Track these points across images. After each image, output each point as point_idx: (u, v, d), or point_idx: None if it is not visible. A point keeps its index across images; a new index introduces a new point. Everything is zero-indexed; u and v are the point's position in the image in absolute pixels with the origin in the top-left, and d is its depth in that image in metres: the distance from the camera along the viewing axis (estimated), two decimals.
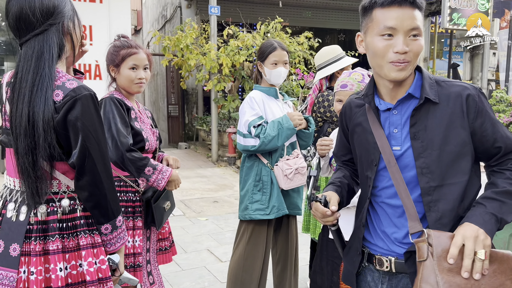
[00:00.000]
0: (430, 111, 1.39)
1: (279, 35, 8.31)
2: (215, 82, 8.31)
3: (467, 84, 1.41)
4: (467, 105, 1.36)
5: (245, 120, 2.71)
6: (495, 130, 1.38)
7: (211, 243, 4.44)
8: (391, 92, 1.43)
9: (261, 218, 2.71)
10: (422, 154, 1.37)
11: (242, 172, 2.86)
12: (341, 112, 1.69)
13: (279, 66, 2.76)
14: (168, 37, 8.53)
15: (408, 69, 1.36)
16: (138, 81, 2.20)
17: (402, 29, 1.32)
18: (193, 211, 5.55)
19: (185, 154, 9.95)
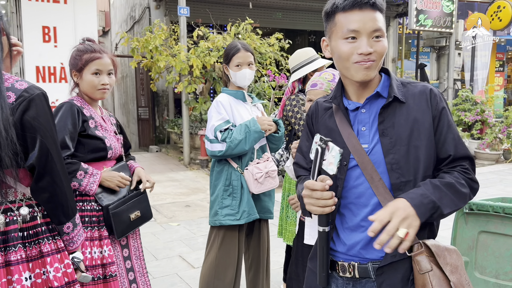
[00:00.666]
0: (397, 109, 1.43)
1: (250, 36, 8.27)
2: (185, 84, 8.20)
3: (429, 84, 1.48)
4: (430, 99, 1.43)
5: (211, 125, 2.67)
6: (449, 131, 1.42)
7: (183, 249, 4.36)
8: (358, 93, 1.47)
9: (231, 223, 2.67)
10: (391, 150, 1.40)
11: (212, 177, 2.81)
12: (308, 114, 1.68)
13: (243, 67, 2.72)
14: (136, 38, 8.37)
15: (374, 69, 1.40)
16: (101, 87, 2.12)
17: (365, 31, 1.35)
18: (164, 216, 5.44)
19: (156, 157, 9.79)
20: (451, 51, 12.33)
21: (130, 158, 2.42)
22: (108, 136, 2.16)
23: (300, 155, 1.72)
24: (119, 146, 2.24)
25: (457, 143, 1.44)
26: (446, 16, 11.61)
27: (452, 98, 11.87)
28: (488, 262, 2.95)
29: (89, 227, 2.01)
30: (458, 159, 1.43)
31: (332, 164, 1.32)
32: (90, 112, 2.12)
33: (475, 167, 1.47)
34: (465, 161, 1.44)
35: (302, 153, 1.71)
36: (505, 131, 9.25)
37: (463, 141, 1.48)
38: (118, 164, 2.24)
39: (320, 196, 1.32)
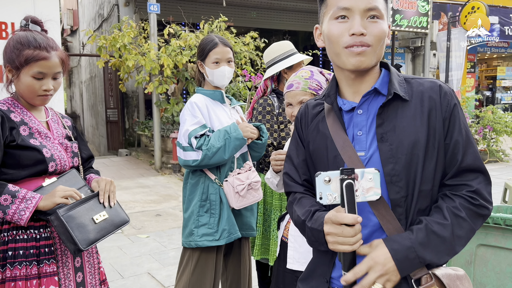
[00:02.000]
0: (400, 109, 1.23)
1: (224, 34, 7.92)
2: (156, 84, 7.78)
3: (440, 81, 1.28)
4: (440, 97, 1.22)
5: (184, 130, 2.30)
6: (459, 135, 1.21)
7: (153, 265, 3.97)
8: (354, 88, 1.27)
9: (209, 244, 2.31)
10: (391, 159, 1.19)
11: (185, 190, 2.44)
12: (297, 118, 1.43)
13: (222, 64, 2.38)
14: (103, 36, 7.89)
15: (369, 55, 1.19)
16: (43, 93, 1.71)
17: (357, 9, 1.17)
18: (132, 227, 5.03)
19: (126, 161, 9.31)
20: (426, 51, 12.29)
21: (91, 172, 2.01)
22: (49, 144, 1.76)
23: (291, 165, 1.44)
24: (68, 156, 1.84)
25: (467, 149, 1.21)
26: (422, 17, 11.55)
27: None
28: (488, 278, 2.70)
29: (25, 263, 1.60)
30: (466, 172, 1.20)
31: (372, 189, 1.11)
32: (22, 116, 1.71)
33: (488, 183, 1.21)
34: (474, 177, 1.20)
35: (293, 164, 1.43)
36: (481, 132, 9.21)
37: (476, 149, 1.22)
38: (63, 175, 1.80)
39: (353, 233, 1.11)
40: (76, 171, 1.86)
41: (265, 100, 2.73)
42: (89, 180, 1.93)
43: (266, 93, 2.79)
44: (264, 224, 2.74)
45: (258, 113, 2.71)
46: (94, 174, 1.98)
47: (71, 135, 1.93)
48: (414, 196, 1.19)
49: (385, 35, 1.20)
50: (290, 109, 2.01)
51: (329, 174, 1.09)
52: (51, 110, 1.95)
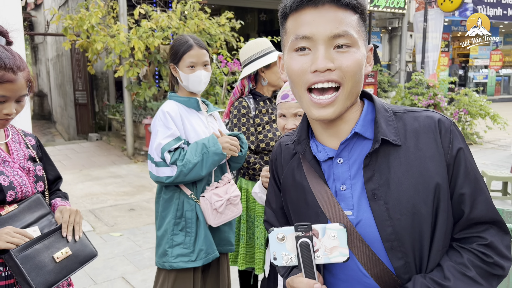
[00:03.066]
0: (392, 156, 1.00)
1: (198, 15, 7.57)
2: (127, 68, 7.40)
3: (438, 113, 1.05)
4: (441, 137, 1.00)
5: (156, 143, 2.08)
6: (466, 182, 1.00)
7: (127, 268, 3.78)
8: (329, 130, 1.04)
9: (185, 266, 2.14)
10: (388, 222, 0.98)
11: (157, 205, 2.24)
12: (271, 160, 1.23)
13: (197, 68, 2.15)
14: (69, 16, 7.42)
15: (339, 102, 0.96)
16: (4, 117, 1.50)
17: (320, 38, 0.93)
18: (105, 224, 4.80)
19: (97, 147, 8.96)
20: (403, 32, 12.22)
21: (58, 195, 1.81)
22: (8, 170, 1.55)
23: (270, 211, 1.27)
24: (31, 181, 1.63)
25: (476, 199, 1.00)
26: None
27: (404, 80, 11.80)
28: None
29: None
30: (477, 224, 1.00)
31: (337, 249, 0.92)
32: None
33: (506, 234, 1.01)
34: (486, 229, 0.99)
35: (272, 209, 1.26)
36: (456, 114, 9.25)
37: (488, 196, 1.01)
38: (25, 202, 1.59)
39: None
40: (40, 197, 1.66)
41: (240, 102, 2.53)
42: (55, 206, 1.73)
43: (244, 94, 2.59)
44: (248, 232, 2.58)
45: (234, 116, 2.52)
46: (60, 199, 1.77)
47: (35, 155, 1.72)
48: (423, 260, 1.01)
49: (361, 66, 0.96)
50: (283, 121, 1.83)
51: (283, 230, 0.93)
52: (12, 128, 1.72)
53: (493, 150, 8.61)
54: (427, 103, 9.41)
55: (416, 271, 1.01)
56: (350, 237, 1.00)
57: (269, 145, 2.48)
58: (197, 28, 7.31)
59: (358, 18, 0.97)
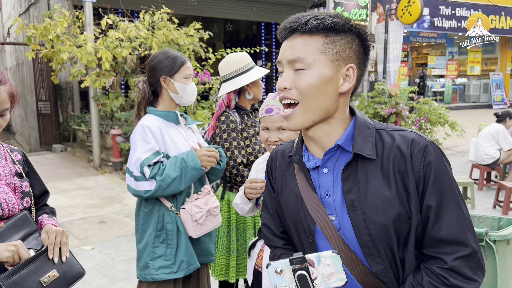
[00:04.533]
0: (369, 170, 1.08)
1: (166, 25, 7.57)
2: (93, 78, 7.31)
3: (415, 133, 1.11)
4: (411, 156, 1.06)
5: (136, 158, 2.11)
6: (432, 196, 1.05)
7: (101, 282, 3.74)
8: (316, 142, 1.15)
9: (167, 278, 2.18)
10: (365, 230, 1.07)
11: (138, 218, 2.27)
12: (268, 163, 1.32)
13: (190, 80, 2.23)
14: (33, 25, 7.26)
15: (298, 116, 1.09)
16: None
17: (284, 61, 1.11)
18: (75, 237, 4.72)
19: (62, 158, 8.75)
20: None
21: (45, 211, 1.79)
22: None
23: (268, 215, 1.34)
24: (17, 197, 1.63)
25: (441, 216, 1.04)
26: (362, 9, 11.78)
27: (367, 90, 12.16)
28: None
29: None
30: (442, 242, 1.04)
31: (334, 274, 0.96)
32: None
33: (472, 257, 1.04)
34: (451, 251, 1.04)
35: (270, 213, 1.33)
36: (417, 122, 9.62)
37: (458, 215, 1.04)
38: (12, 220, 1.58)
39: None
40: (27, 214, 1.64)
41: (227, 117, 2.59)
42: (42, 224, 1.71)
43: (231, 107, 2.64)
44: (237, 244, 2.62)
45: (223, 131, 2.57)
46: (47, 216, 1.75)
47: (22, 170, 1.71)
48: (398, 264, 1.10)
49: (317, 85, 1.06)
50: (266, 134, 1.90)
51: (279, 264, 0.97)
52: None
53: (452, 157, 9.00)
54: (389, 112, 9.74)
55: (395, 276, 1.09)
56: (334, 240, 1.08)
57: (257, 158, 2.54)
58: (165, 39, 7.31)
59: (326, 42, 1.07)
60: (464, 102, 19.44)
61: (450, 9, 16.13)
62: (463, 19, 16.38)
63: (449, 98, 18.88)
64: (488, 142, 6.30)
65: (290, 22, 1.10)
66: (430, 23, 16.00)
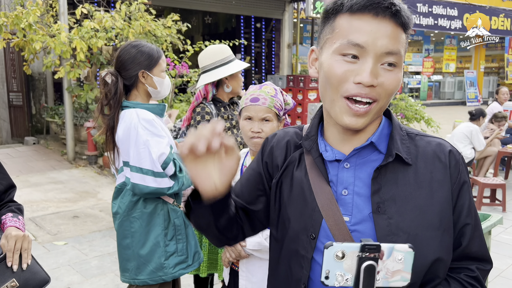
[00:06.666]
0: (400, 174, 1.00)
1: (143, 16, 7.42)
2: (68, 69, 7.11)
3: (446, 141, 1.06)
4: (450, 166, 1.00)
5: (158, 153, 1.97)
6: (469, 216, 1.02)
7: (74, 278, 3.64)
8: (344, 135, 1.04)
9: (185, 272, 2.15)
10: (389, 237, 0.96)
11: (136, 222, 2.09)
12: (265, 145, 1.18)
13: (165, 73, 2.17)
14: (3, 13, 7.00)
15: (371, 114, 0.96)
16: None
17: (373, 50, 0.91)
18: (47, 232, 4.59)
19: (34, 151, 8.51)
20: None
21: (10, 209, 1.67)
22: None
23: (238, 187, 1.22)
24: None
25: (474, 234, 1.03)
26: None
27: None
28: None
29: None
30: (469, 258, 1.04)
31: (399, 272, 0.82)
32: None
33: (488, 272, 1.06)
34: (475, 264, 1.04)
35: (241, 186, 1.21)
36: None
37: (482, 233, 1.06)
38: None
39: None
40: None
41: (203, 108, 2.54)
42: (4, 225, 1.60)
43: (207, 99, 2.60)
44: None
45: (197, 122, 2.52)
46: (12, 215, 1.64)
47: None
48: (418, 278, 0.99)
49: (397, 89, 0.96)
50: (248, 124, 1.85)
51: (344, 247, 0.80)
52: None
53: None
54: None
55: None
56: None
57: None
58: (142, 30, 7.16)
59: (406, 38, 0.97)
60: (439, 99, 19.80)
61: (427, 6, 16.36)
62: (440, 17, 16.65)
63: (425, 94, 19.20)
64: (462, 143, 6.41)
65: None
66: None
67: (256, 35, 12.54)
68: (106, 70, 2.14)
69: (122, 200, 2.11)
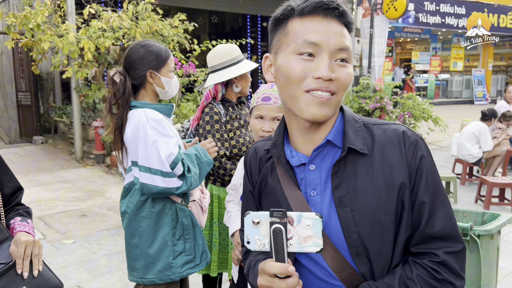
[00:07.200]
0: (359, 166, 1.05)
1: (150, 16, 7.45)
2: (75, 69, 7.15)
3: (404, 126, 1.10)
4: (405, 148, 1.05)
5: (166, 153, 1.97)
6: (426, 193, 1.04)
7: (83, 276, 3.67)
8: (307, 135, 1.09)
9: (193, 272, 2.15)
10: (353, 228, 1.02)
11: (143, 223, 2.09)
12: (245, 162, 1.26)
13: (173, 73, 2.19)
14: (13, 13, 7.06)
15: (332, 105, 1.02)
16: None
17: (327, 47, 0.99)
18: (56, 231, 4.62)
19: (42, 150, 8.58)
20: None
21: (18, 212, 1.62)
22: None
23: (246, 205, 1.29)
24: None
25: (434, 212, 1.03)
26: (347, 4, 11.78)
27: (351, 84, 12.19)
28: None
29: None
30: (433, 239, 1.03)
31: (311, 238, 0.91)
32: None
33: (461, 252, 1.04)
34: (442, 246, 1.03)
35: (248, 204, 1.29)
36: (401, 117, 9.69)
37: (448, 210, 1.05)
38: None
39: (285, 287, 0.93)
40: None
41: (211, 108, 2.54)
42: (13, 229, 1.55)
43: (217, 99, 2.60)
44: (219, 238, 2.59)
45: (206, 123, 2.52)
46: (20, 219, 1.59)
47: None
48: (386, 266, 1.05)
49: (351, 82, 1.04)
50: (259, 123, 1.85)
51: (258, 215, 0.92)
52: None
53: (435, 151, 9.10)
54: (373, 106, 9.79)
55: (382, 276, 1.05)
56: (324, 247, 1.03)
57: (241, 150, 2.52)
58: (149, 30, 7.19)
59: (350, 37, 1.04)
60: (446, 97, 19.68)
61: (435, 5, 16.26)
62: (447, 15, 16.55)
63: (432, 93, 19.09)
64: (470, 142, 6.36)
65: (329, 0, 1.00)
66: (415, 18, 16.10)
67: (262, 34, 12.54)
68: (114, 69, 2.14)
69: (130, 199, 2.11)
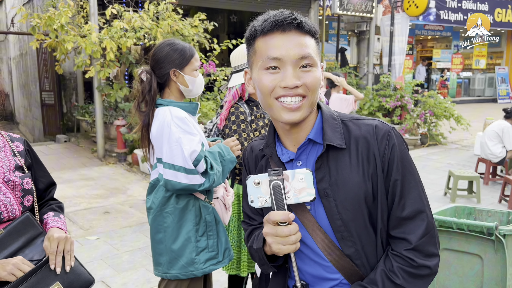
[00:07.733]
0: (339, 160, 1.17)
1: (171, 16, 7.52)
2: (98, 69, 7.28)
3: (378, 120, 1.21)
4: (377, 141, 1.16)
5: (189, 150, 1.99)
6: (398, 177, 1.15)
7: (106, 272, 3.74)
8: (290, 136, 1.22)
9: (215, 268, 2.17)
10: (337, 216, 1.16)
11: (168, 217, 2.13)
12: (243, 159, 1.42)
13: (198, 72, 2.20)
14: (37, 14, 7.22)
15: (304, 108, 1.14)
16: None
17: (289, 59, 1.10)
18: (80, 227, 4.72)
19: (65, 149, 8.75)
20: (371, 35, 12.50)
21: (51, 207, 1.66)
22: None
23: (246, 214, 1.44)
24: (17, 196, 1.51)
25: (405, 195, 1.14)
26: (367, 1, 11.68)
27: (372, 82, 12.09)
28: (451, 281, 2.76)
29: None
30: (406, 221, 1.14)
31: (304, 189, 1.07)
32: None
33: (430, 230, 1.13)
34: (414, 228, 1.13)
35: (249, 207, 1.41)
36: (423, 116, 9.57)
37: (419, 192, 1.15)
38: (12, 226, 1.47)
39: (288, 232, 1.07)
40: (29, 216, 1.52)
41: (236, 108, 2.55)
42: (46, 224, 1.59)
43: (244, 98, 2.61)
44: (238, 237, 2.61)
45: (232, 122, 2.54)
46: (53, 214, 1.62)
47: (23, 163, 1.59)
48: (370, 247, 1.17)
49: (320, 82, 1.14)
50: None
51: (258, 176, 1.07)
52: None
53: (457, 150, 8.96)
54: (394, 105, 9.70)
55: (367, 255, 1.17)
56: (311, 227, 1.16)
57: None
58: (170, 29, 7.26)
59: (315, 42, 1.15)
60: (468, 96, 19.34)
61: (456, 1, 16.00)
62: (469, 12, 16.24)
63: (454, 91, 18.77)
64: (493, 141, 6.24)
65: (284, 17, 1.11)
66: (436, 15, 15.87)
67: None
68: (142, 68, 2.18)
69: (155, 195, 2.15)
